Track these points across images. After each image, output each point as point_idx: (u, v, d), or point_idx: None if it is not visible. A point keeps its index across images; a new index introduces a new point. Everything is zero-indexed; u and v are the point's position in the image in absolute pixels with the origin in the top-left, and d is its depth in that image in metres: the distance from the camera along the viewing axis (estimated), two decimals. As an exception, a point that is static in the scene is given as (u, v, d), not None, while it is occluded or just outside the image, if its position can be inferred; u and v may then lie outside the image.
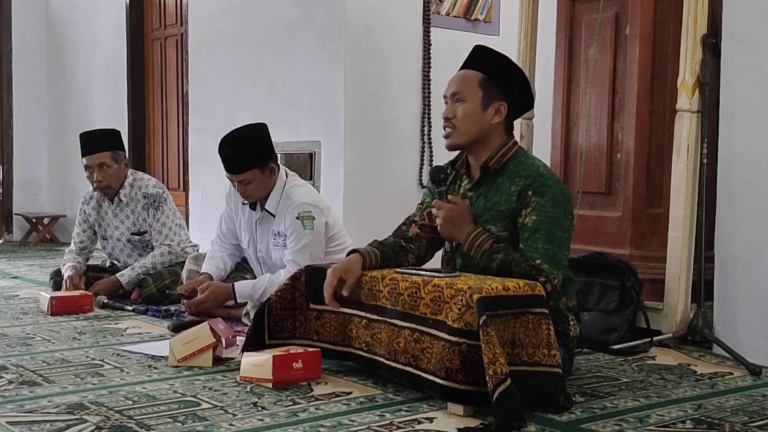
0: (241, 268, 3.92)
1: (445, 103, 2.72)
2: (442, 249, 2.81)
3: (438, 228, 2.69)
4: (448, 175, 2.79)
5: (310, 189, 3.81)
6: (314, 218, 3.58)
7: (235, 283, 3.66)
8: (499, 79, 2.67)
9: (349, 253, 2.73)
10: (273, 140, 3.67)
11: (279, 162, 3.72)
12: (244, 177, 3.54)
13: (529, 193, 2.55)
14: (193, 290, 3.66)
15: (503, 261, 2.51)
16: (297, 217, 3.56)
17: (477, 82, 2.66)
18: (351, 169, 4.76)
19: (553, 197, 2.55)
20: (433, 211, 2.69)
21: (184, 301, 3.70)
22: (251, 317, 3.15)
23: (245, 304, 3.63)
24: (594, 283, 3.40)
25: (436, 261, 2.88)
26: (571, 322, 2.63)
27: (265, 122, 3.71)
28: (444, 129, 2.70)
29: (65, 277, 4.28)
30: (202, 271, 3.79)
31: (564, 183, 3.79)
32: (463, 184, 2.75)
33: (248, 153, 3.52)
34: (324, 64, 4.87)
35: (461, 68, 2.75)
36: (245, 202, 3.72)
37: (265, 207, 3.65)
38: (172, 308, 4.02)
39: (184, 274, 3.98)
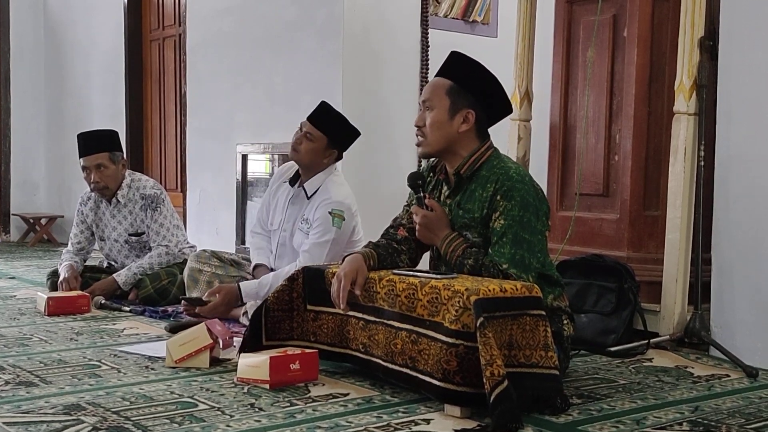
0: (240, 268, 3.92)
1: (420, 109, 2.73)
2: (429, 251, 2.81)
3: (416, 233, 2.72)
4: (425, 180, 2.79)
5: (349, 191, 3.74)
6: (344, 219, 3.57)
7: (241, 284, 3.63)
8: (468, 87, 2.66)
9: (344, 257, 2.72)
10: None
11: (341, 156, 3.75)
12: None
13: (498, 197, 2.56)
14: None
15: (473, 267, 2.53)
16: (330, 212, 3.55)
17: (445, 90, 2.66)
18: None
19: (521, 200, 2.55)
20: (413, 216, 2.72)
21: (198, 308, 3.61)
22: (249, 316, 3.14)
23: (244, 304, 3.61)
24: (591, 285, 3.40)
25: (424, 263, 2.89)
26: (565, 322, 2.64)
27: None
28: (416, 136, 2.72)
29: (61, 279, 4.27)
30: (255, 262, 3.76)
31: (564, 183, 3.85)
32: (443, 191, 2.76)
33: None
34: (322, 65, 4.87)
35: (436, 75, 2.76)
36: (285, 180, 3.73)
37: (304, 184, 3.64)
38: (170, 309, 4.02)
39: (185, 273, 3.96)
